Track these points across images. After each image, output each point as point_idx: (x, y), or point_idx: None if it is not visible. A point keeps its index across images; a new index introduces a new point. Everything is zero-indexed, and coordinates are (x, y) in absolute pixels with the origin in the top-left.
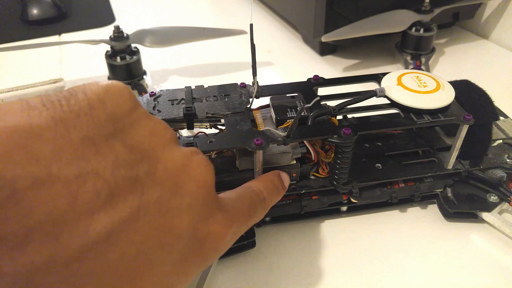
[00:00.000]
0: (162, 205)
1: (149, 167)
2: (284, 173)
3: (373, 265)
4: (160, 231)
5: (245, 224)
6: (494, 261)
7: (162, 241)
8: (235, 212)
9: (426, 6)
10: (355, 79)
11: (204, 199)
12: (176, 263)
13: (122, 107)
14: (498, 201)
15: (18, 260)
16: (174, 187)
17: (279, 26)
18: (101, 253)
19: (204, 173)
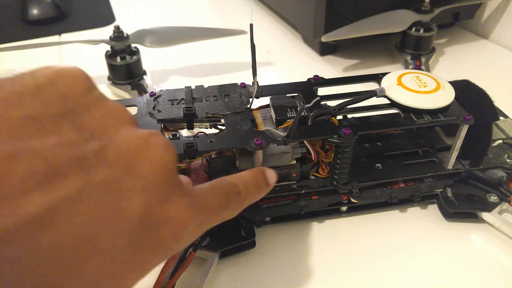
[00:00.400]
0: (110, 186)
1: (100, 147)
2: (271, 170)
3: (373, 265)
4: (107, 213)
5: (215, 215)
6: (494, 261)
7: (110, 224)
8: (204, 200)
9: (426, 6)
10: (355, 79)
11: (161, 181)
12: (126, 249)
13: (75, 89)
14: (498, 201)
15: None
16: (127, 168)
17: (279, 26)
18: (31, 236)
19: (162, 154)
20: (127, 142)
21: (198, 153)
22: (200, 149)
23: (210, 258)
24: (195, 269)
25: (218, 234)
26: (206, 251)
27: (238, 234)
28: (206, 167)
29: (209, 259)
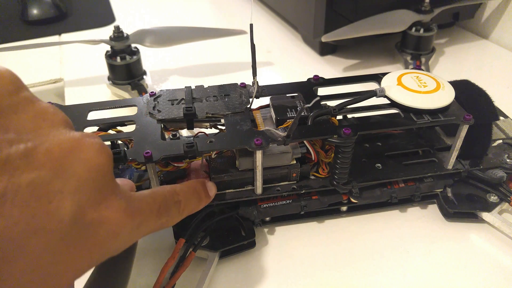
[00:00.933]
0: (38, 188)
1: (27, 149)
2: (210, 183)
3: (373, 265)
4: (33, 215)
5: (152, 221)
6: (494, 261)
7: (37, 226)
8: (141, 205)
9: (426, 6)
10: (355, 79)
11: (94, 183)
12: (58, 250)
13: (0, 90)
14: (498, 201)
15: None
16: (57, 170)
17: (279, 26)
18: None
19: (95, 156)
20: (59, 143)
21: (198, 153)
22: (200, 149)
23: (210, 258)
24: (195, 269)
25: (218, 234)
26: (206, 251)
27: (238, 234)
28: (206, 167)
29: (209, 259)
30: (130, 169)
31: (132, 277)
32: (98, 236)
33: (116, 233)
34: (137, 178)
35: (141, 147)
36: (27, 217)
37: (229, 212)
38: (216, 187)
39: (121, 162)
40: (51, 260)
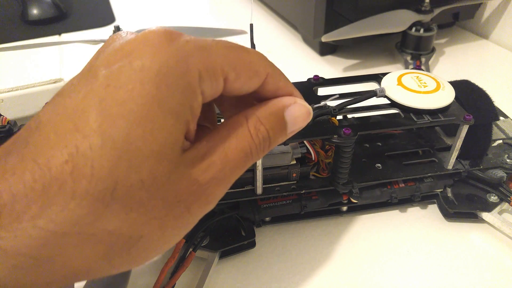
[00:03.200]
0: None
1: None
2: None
3: (373, 265)
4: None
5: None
6: (494, 261)
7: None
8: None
9: (426, 6)
10: (355, 79)
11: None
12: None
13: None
14: (498, 201)
15: None
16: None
17: (279, 26)
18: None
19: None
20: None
21: None
22: None
23: (210, 258)
24: (195, 269)
25: (218, 234)
26: (206, 251)
27: (238, 234)
28: None
29: (209, 259)
30: None
31: (132, 277)
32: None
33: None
34: None
35: None
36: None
37: (229, 212)
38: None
39: None
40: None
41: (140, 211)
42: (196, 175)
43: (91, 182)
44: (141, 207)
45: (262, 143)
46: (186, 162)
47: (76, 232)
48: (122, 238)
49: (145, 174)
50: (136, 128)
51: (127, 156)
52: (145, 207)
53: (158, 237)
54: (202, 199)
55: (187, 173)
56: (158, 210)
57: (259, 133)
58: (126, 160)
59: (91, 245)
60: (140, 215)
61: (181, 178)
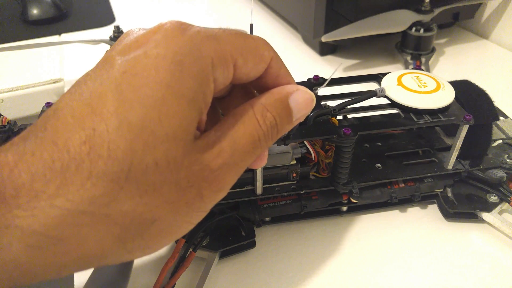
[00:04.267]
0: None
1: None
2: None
3: (373, 265)
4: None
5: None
6: (494, 261)
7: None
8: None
9: (426, 6)
10: (355, 79)
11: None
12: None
13: None
14: (498, 201)
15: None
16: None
17: (279, 26)
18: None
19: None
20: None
21: None
22: None
23: (210, 258)
24: (195, 269)
25: (218, 234)
26: (206, 251)
27: (238, 234)
28: None
29: (209, 259)
30: None
31: (132, 277)
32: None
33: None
34: None
35: None
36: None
37: (229, 212)
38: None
39: None
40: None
41: (154, 194)
42: (207, 161)
43: (107, 163)
44: (155, 191)
45: (270, 130)
46: (197, 148)
47: (92, 212)
48: (136, 220)
49: (160, 156)
50: (152, 112)
51: (143, 138)
52: (158, 191)
53: (171, 222)
54: (213, 185)
55: (199, 159)
56: (171, 194)
57: (266, 119)
58: (142, 142)
59: (106, 226)
60: (154, 198)
61: (193, 163)
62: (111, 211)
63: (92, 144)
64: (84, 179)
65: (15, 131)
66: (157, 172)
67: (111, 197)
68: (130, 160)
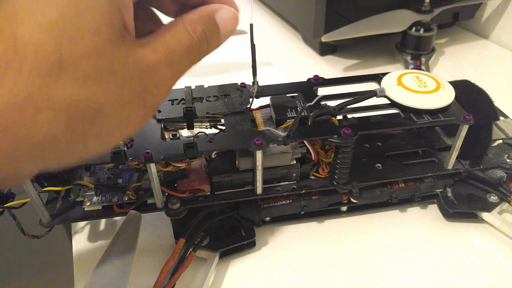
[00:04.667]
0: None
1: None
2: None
3: (373, 265)
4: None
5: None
6: (494, 261)
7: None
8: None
9: (426, 6)
10: (355, 79)
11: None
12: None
13: None
14: (498, 201)
15: None
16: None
17: (279, 26)
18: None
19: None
20: None
21: (198, 153)
22: (200, 149)
23: (210, 258)
24: (195, 269)
25: (218, 234)
26: (206, 251)
27: (238, 234)
28: (206, 167)
29: (209, 259)
30: (130, 169)
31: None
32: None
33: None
34: (137, 178)
35: (141, 147)
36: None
37: (229, 212)
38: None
39: (121, 162)
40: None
41: (94, 83)
42: (142, 56)
43: (36, 58)
44: (93, 80)
45: (200, 39)
46: (129, 44)
47: (33, 101)
48: (81, 108)
49: (88, 48)
50: (68, 10)
51: (66, 33)
52: (97, 80)
53: (117, 112)
54: (155, 80)
55: (133, 53)
56: (110, 83)
57: (196, 30)
58: (66, 36)
59: (52, 112)
60: (94, 87)
61: (126, 55)
62: (54, 98)
63: (16, 48)
64: (17, 75)
65: None
66: (89, 62)
67: (49, 87)
68: (59, 53)
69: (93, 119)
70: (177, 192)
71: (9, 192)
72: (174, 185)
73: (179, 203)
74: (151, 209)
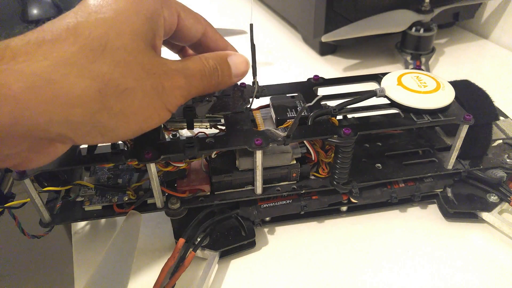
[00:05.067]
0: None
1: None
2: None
3: (373, 265)
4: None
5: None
6: (494, 261)
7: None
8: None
9: (426, 6)
10: (355, 79)
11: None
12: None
13: None
14: (498, 201)
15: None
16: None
17: (279, 26)
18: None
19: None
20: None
21: (198, 153)
22: (200, 149)
23: (210, 258)
24: (195, 269)
25: (218, 234)
26: (206, 251)
27: (238, 234)
28: (206, 167)
29: (209, 259)
30: (130, 169)
31: (132, 277)
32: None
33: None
34: (137, 178)
35: (141, 147)
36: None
37: (229, 212)
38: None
39: (121, 162)
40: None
41: (125, 67)
42: (165, 62)
43: (87, 39)
44: (126, 65)
45: (212, 70)
46: (156, 54)
47: (79, 66)
48: (112, 83)
49: (127, 42)
50: (121, 14)
51: (114, 28)
52: (128, 66)
53: (141, 100)
54: (174, 80)
55: (159, 59)
56: (138, 72)
57: (208, 62)
58: (114, 31)
59: (88, 80)
60: (125, 69)
61: (153, 58)
62: (93, 68)
63: (76, 28)
64: (71, 46)
65: None
66: (126, 52)
67: (92, 60)
68: (105, 41)
69: (120, 96)
70: (177, 192)
71: (9, 192)
72: (174, 185)
73: (179, 203)
74: (151, 209)
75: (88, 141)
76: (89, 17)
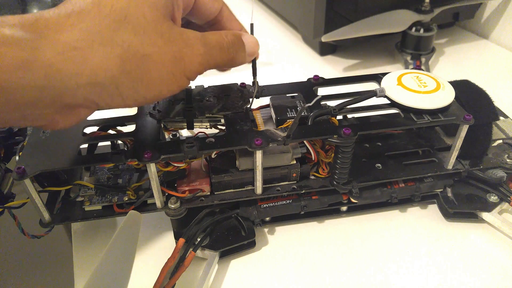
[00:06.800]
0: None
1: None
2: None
3: (373, 265)
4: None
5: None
6: (494, 261)
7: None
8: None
9: (426, 6)
10: (355, 79)
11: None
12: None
13: None
14: (498, 201)
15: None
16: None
17: (279, 26)
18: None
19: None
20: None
21: (198, 153)
22: (200, 149)
23: (210, 258)
24: (195, 269)
25: (218, 234)
26: (206, 251)
27: (238, 234)
28: (206, 167)
29: (209, 259)
30: (130, 169)
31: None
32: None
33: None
34: (137, 178)
35: (141, 147)
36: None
37: (229, 212)
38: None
39: (121, 162)
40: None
41: (145, 35)
42: (184, 31)
43: (110, 11)
44: (145, 33)
45: (230, 44)
46: (175, 24)
47: (102, 34)
48: (132, 49)
49: (146, 14)
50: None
51: (136, 0)
52: (148, 35)
53: (160, 63)
54: (191, 50)
55: (178, 29)
56: (156, 39)
57: (227, 37)
58: (133, 4)
59: (110, 48)
60: (144, 37)
61: (172, 28)
62: (114, 37)
63: (100, 1)
64: (95, 17)
65: (15, 130)
66: (145, 22)
67: (114, 29)
68: (126, 13)
69: (139, 62)
70: (177, 192)
71: (9, 192)
72: (174, 185)
73: (179, 203)
74: (151, 209)
75: (110, 104)
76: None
